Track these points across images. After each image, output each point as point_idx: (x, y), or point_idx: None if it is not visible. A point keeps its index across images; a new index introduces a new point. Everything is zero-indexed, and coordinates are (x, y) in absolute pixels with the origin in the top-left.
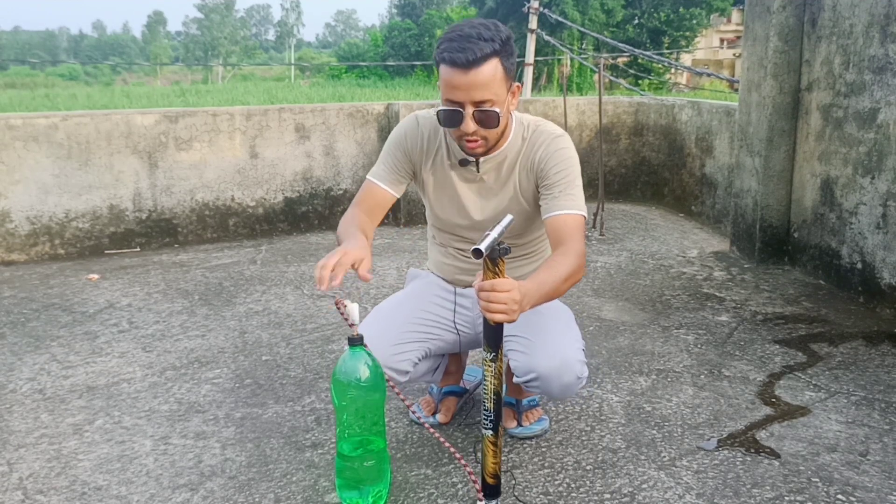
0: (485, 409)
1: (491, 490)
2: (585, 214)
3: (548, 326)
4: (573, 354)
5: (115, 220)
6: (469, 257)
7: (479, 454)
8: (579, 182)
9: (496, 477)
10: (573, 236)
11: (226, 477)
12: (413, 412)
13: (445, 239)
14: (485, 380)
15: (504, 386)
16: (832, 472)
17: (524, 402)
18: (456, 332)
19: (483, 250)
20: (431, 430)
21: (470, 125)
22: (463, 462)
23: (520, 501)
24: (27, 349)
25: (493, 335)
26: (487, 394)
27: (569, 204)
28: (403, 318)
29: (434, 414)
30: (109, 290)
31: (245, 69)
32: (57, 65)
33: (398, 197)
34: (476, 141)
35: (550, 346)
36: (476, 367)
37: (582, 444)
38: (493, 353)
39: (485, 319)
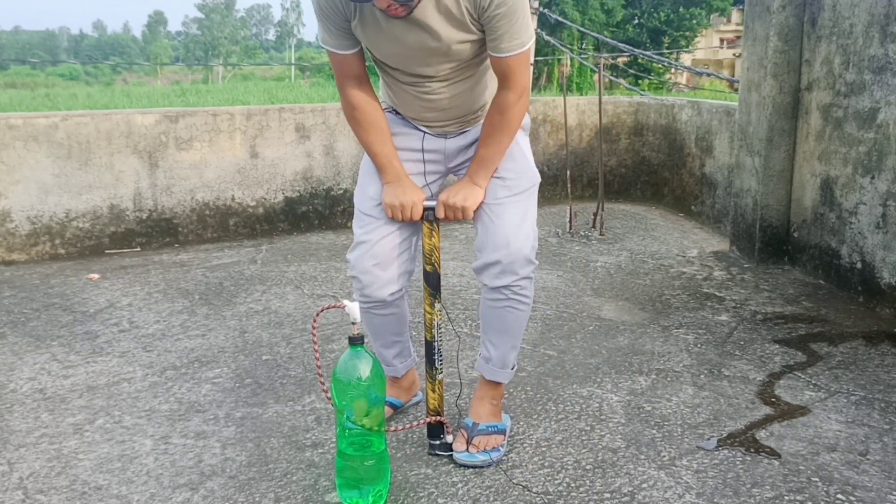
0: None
1: (432, 430)
2: (530, 44)
3: (504, 219)
4: (521, 251)
5: (116, 219)
6: (427, 94)
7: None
8: (522, 13)
9: (437, 414)
10: (515, 74)
11: (226, 476)
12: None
13: (397, 77)
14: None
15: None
16: (832, 471)
17: (481, 426)
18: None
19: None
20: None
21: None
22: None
23: (519, 501)
24: (28, 349)
25: (432, 281)
26: (426, 332)
27: (512, 45)
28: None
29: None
30: (110, 290)
31: (245, 69)
32: (57, 65)
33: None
34: (395, 8)
35: (502, 238)
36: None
37: (582, 444)
38: (433, 298)
39: (424, 271)
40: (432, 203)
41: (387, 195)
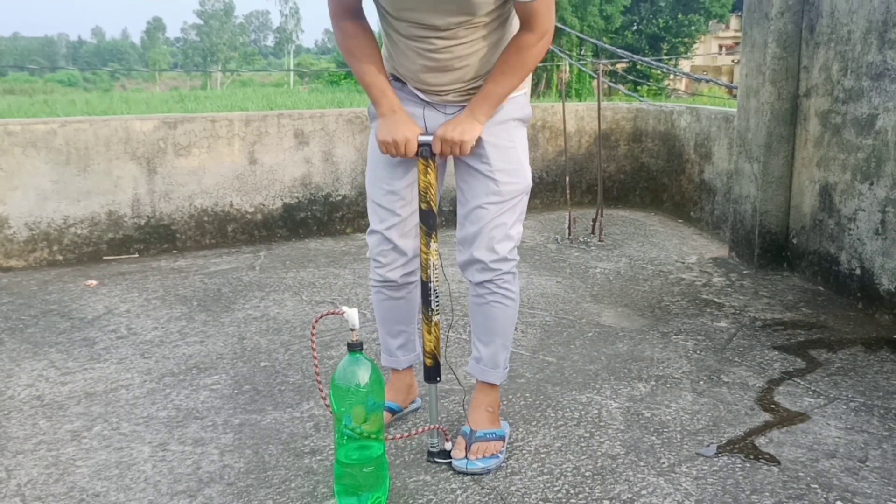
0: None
1: (428, 372)
2: None
3: (489, 224)
4: (501, 253)
5: (114, 226)
6: (430, 52)
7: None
8: None
9: (433, 357)
10: (539, 17)
11: (224, 483)
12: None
13: (401, 30)
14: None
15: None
16: (831, 478)
17: (479, 433)
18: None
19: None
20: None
21: None
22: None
23: None
24: (25, 355)
25: (428, 220)
26: (422, 272)
27: None
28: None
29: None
30: (108, 297)
31: (244, 75)
32: (56, 71)
33: None
34: None
35: (485, 242)
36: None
37: (581, 451)
38: (428, 237)
39: (420, 209)
40: (428, 138)
41: (380, 131)
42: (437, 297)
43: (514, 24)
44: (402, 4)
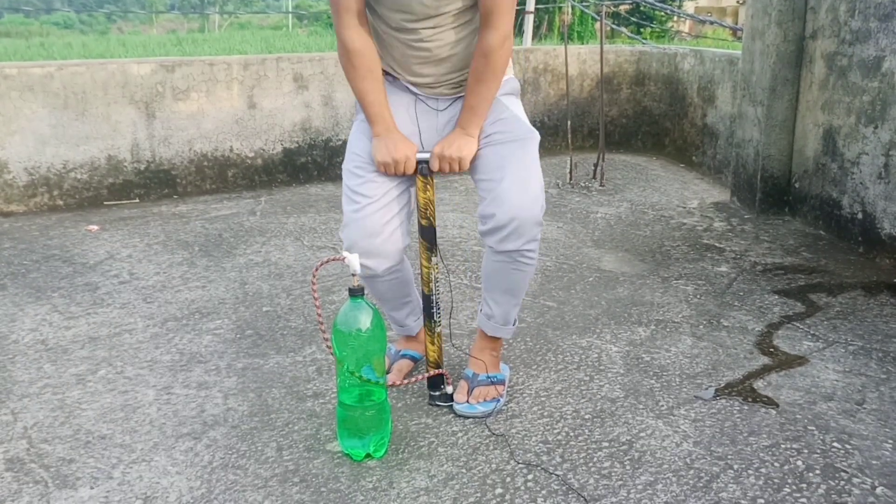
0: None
1: (432, 382)
2: None
3: (507, 182)
4: (531, 207)
5: (114, 171)
6: (419, 42)
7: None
8: None
9: (436, 366)
10: (500, 12)
11: (228, 426)
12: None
13: (390, 23)
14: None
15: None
16: (828, 420)
17: (481, 376)
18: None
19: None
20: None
21: None
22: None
23: (519, 450)
24: (28, 300)
25: (428, 235)
26: (423, 285)
27: None
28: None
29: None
30: (109, 242)
31: (242, 17)
32: (52, 13)
33: None
34: None
35: (510, 204)
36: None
37: (581, 394)
38: (429, 252)
39: (419, 225)
40: (425, 156)
41: (378, 152)
42: (438, 309)
43: None
44: None
